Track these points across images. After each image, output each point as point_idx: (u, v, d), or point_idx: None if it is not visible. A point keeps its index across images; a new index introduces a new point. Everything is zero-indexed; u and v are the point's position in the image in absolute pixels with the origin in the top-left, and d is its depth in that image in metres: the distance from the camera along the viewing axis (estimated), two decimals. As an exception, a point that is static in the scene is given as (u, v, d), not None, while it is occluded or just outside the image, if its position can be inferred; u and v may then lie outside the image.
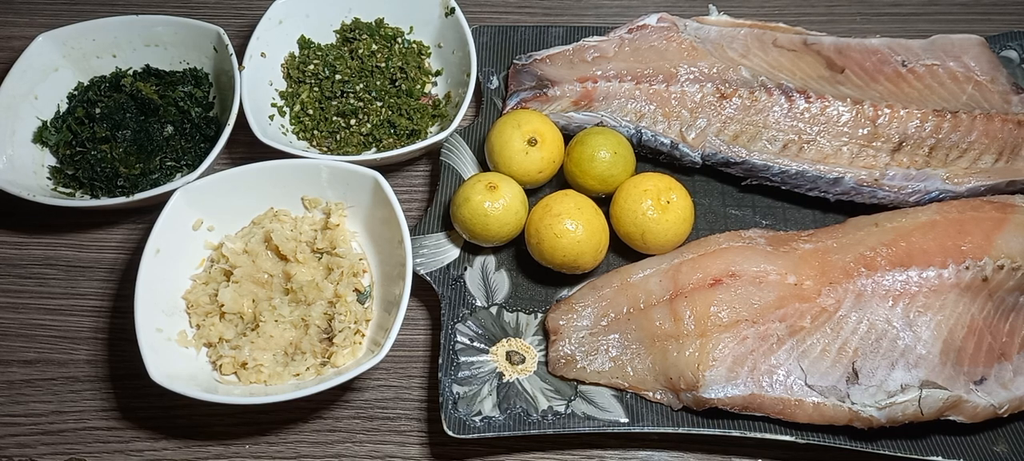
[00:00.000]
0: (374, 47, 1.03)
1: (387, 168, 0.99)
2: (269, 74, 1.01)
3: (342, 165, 0.90)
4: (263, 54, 1.00)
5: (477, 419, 0.79)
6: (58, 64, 0.99)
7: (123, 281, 0.93)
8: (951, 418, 0.76)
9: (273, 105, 1.00)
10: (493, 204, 0.87)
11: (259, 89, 0.99)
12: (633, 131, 0.95)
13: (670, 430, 0.79)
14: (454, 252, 0.90)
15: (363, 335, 0.85)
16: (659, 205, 0.88)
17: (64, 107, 1.00)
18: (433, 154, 0.99)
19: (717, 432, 0.79)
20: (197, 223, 0.90)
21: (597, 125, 0.95)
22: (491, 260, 0.90)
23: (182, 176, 0.92)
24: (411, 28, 1.06)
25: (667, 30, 1.00)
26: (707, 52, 0.99)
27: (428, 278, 0.87)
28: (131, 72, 1.02)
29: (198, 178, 0.89)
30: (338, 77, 1.01)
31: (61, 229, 0.96)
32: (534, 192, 0.94)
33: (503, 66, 1.03)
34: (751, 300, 0.81)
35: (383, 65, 1.02)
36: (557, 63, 1.00)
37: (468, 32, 1.00)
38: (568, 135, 0.95)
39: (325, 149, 0.98)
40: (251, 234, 0.91)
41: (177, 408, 0.85)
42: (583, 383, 0.82)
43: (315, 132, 0.99)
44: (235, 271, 0.87)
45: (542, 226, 0.86)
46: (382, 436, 0.84)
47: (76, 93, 1.00)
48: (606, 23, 1.08)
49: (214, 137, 0.94)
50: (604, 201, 0.91)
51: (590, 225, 0.86)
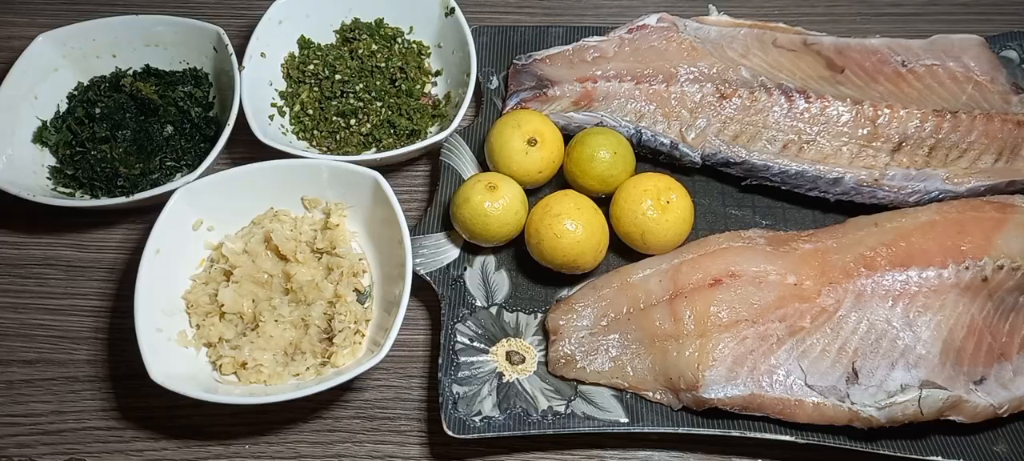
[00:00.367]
0: (374, 47, 1.03)
1: (387, 168, 0.99)
2: (269, 74, 1.01)
3: (342, 165, 0.90)
4: (263, 54, 1.00)
5: (477, 419, 0.79)
6: (58, 64, 0.99)
7: (123, 281, 0.93)
8: (951, 418, 0.76)
9: (273, 105, 1.00)
10: (493, 204, 0.87)
11: (259, 89, 0.99)
12: (633, 131, 0.95)
13: (670, 430, 0.79)
14: (454, 252, 0.90)
15: (363, 335, 0.86)
16: (659, 205, 0.88)
17: (64, 107, 0.99)
18: (433, 154, 0.99)
19: (717, 432, 0.79)
20: (197, 223, 0.90)
21: (597, 125, 0.95)
22: (491, 260, 0.90)
23: (182, 176, 0.92)
24: (411, 28, 1.06)
25: (667, 30, 1.00)
26: (707, 52, 0.99)
27: (428, 278, 0.87)
28: (131, 72, 1.01)
29: (198, 178, 0.89)
30: (338, 77, 1.01)
31: (61, 229, 0.96)
32: (534, 192, 0.94)
33: (503, 66, 1.03)
34: (751, 300, 0.81)
35: (383, 65, 1.02)
36: (557, 63, 1.00)
37: (468, 32, 1.00)
38: (568, 135, 0.95)
39: (325, 149, 0.98)
40: (251, 234, 0.91)
41: (177, 408, 0.85)
42: (583, 383, 0.82)
43: (315, 132, 0.99)
44: (235, 271, 0.87)
45: (542, 226, 0.86)
46: (382, 436, 0.84)
47: (76, 93, 1.00)
48: (606, 23, 1.08)
49: (214, 137, 0.94)
50: (604, 201, 0.91)
51: (590, 225, 0.86)
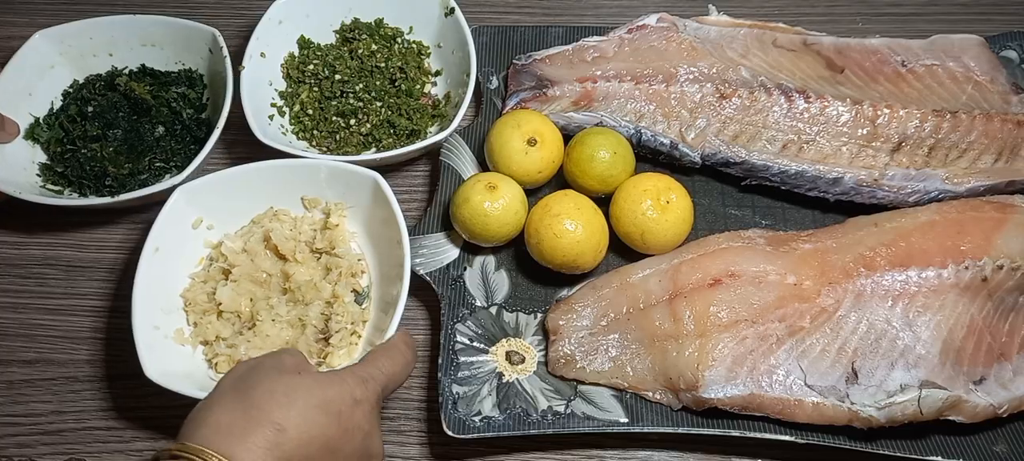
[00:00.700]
0: (374, 47, 1.03)
1: (387, 168, 0.99)
2: (269, 74, 1.01)
3: (341, 165, 0.90)
4: (263, 54, 1.00)
5: (477, 419, 0.79)
6: (54, 61, 0.99)
7: (122, 281, 0.93)
8: (951, 418, 0.76)
9: (273, 105, 1.00)
10: (493, 204, 0.87)
11: (259, 89, 0.99)
12: (633, 131, 0.95)
13: (670, 430, 0.79)
14: (454, 252, 0.90)
15: (360, 336, 0.85)
16: (659, 205, 0.88)
17: (58, 104, 0.99)
18: (433, 154, 0.99)
19: (717, 432, 0.79)
20: (197, 221, 0.90)
21: (597, 125, 0.95)
22: (491, 260, 0.90)
23: (170, 177, 0.92)
24: (411, 28, 1.06)
25: (667, 30, 1.00)
26: (707, 52, 0.99)
27: (428, 278, 0.87)
28: (126, 71, 1.01)
29: (185, 180, 0.89)
30: (338, 77, 1.01)
31: (60, 228, 0.95)
32: (534, 192, 0.94)
33: (503, 66, 1.03)
34: (751, 300, 0.81)
35: (383, 65, 1.02)
36: (557, 63, 1.00)
37: (468, 32, 1.00)
38: (567, 135, 0.95)
39: (325, 149, 0.98)
40: (250, 233, 0.91)
41: (177, 408, 0.84)
42: (583, 383, 0.82)
43: (315, 132, 0.99)
44: (233, 270, 0.87)
45: (542, 226, 0.86)
46: (382, 436, 0.84)
47: (71, 91, 1.00)
48: (606, 23, 1.08)
49: (204, 139, 0.94)
50: (603, 201, 0.91)
51: (590, 225, 0.86)
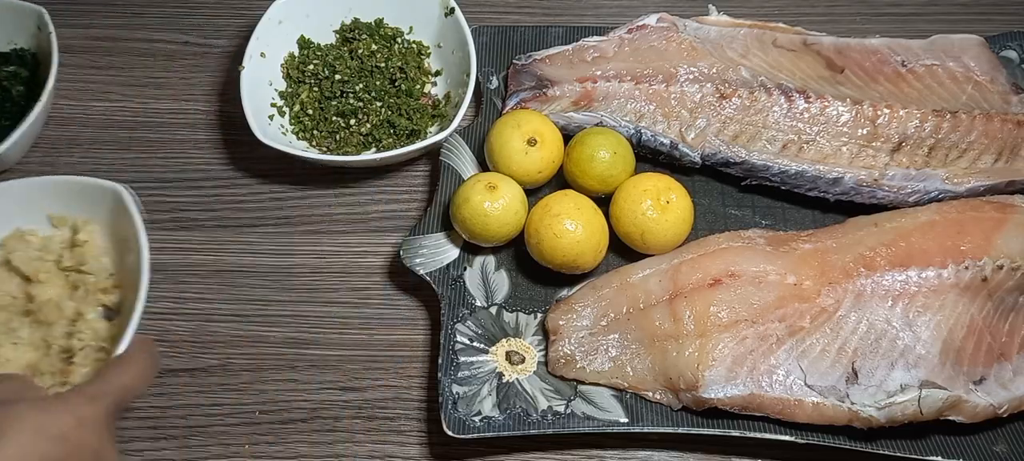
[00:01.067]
0: (374, 47, 1.03)
1: (387, 168, 0.99)
2: (269, 74, 1.01)
3: (83, 181, 0.87)
4: (263, 54, 1.00)
5: (477, 419, 0.79)
6: None
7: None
8: (951, 418, 0.76)
9: (273, 105, 1.00)
10: (493, 204, 0.87)
11: (259, 89, 0.99)
12: (633, 131, 0.95)
13: (670, 430, 0.79)
14: (454, 252, 0.90)
15: (109, 352, 0.81)
16: (659, 205, 0.88)
17: None
18: (433, 154, 0.99)
19: (717, 432, 0.79)
20: None
21: (597, 125, 0.95)
22: (491, 260, 0.90)
23: None
24: (411, 28, 1.06)
25: (667, 30, 1.00)
26: (707, 52, 0.99)
27: (428, 278, 0.87)
28: None
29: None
30: (338, 77, 1.01)
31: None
32: (534, 192, 0.94)
33: (503, 66, 1.03)
34: (751, 300, 0.81)
35: (383, 65, 1.02)
36: (557, 63, 1.00)
37: (468, 32, 1.00)
38: (567, 135, 0.95)
39: (325, 149, 0.98)
40: (-8, 257, 0.88)
41: (176, 408, 0.86)
42: (583, 383, 0.82)
43: (315, 132, 0.99)
44: None
45: (542, 226, 0.86)
46: (382, 436, 0.84)
47: None
48: (606, 23, 1.08)
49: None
50: (604, 201, 0.91)
51: (590, 225, 0.86)
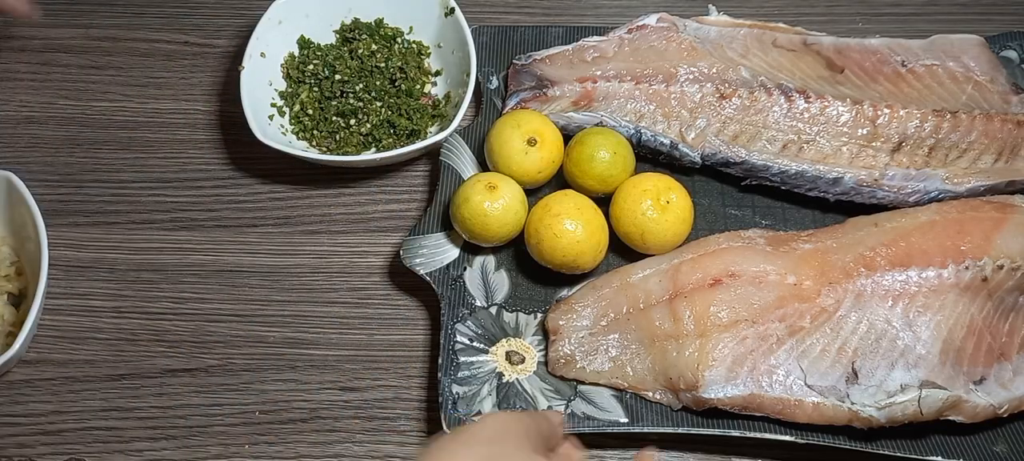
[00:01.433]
0: (374, 47, 1.03)
1: (387, 168, 0.99)
2: (269, 74, 1.01)
3: None
4: (263, 54, 1.00)
5: (476, 419, 0.79)
6: None
7: (121, 281, 0.93)
8: (951, 418, 0.76)
9: (273, 105, 1.00)
10: (493, 204, 0.87)
11: (259, 89, 0.99)
12: (633, 131, 0.95)
13: (670, 430, 0.79)
14: (454, 252, 0.90)
15: (15, 337, 0.83)
16: (658, 205, 0.88)
17: None
18: (433, 154, 0.99)
19: (716, 432, 0.79)
20: None
21: (597, 125, 0.95)
22: (491, 260, 0.90)
23: None
24: (411, 28, 1.06)
25: (667, 30, 1.00)
26: (707, 52, 0.99)
27: (428, 278, 0.87)
28: None
29: None
30: (338, 77, 1.01)
31: (60, 228, 0.95)
32: (534, 192, 0.94)
33: (503, 66, 1.03)
34: (751, 300, 0.81)
35: (383, 65, 1.02)
36: (557, 63, 1.00)
37: (468, 32, 1.00)
38: (567, 135, 0.95)
39: (324, 149, 0.98)
40: None
41: (176, 408, 0.85)
42: (583, 383, 0.82)
43: (315, 132, 0.99)
44: None
45: (541, 226, 0.86)
46: (382, 436, 0.84)
47: None
48: (606, 23, 1.07)
49: None
50: (603, 201, 0.91)
51: (589, 225, 0.86)
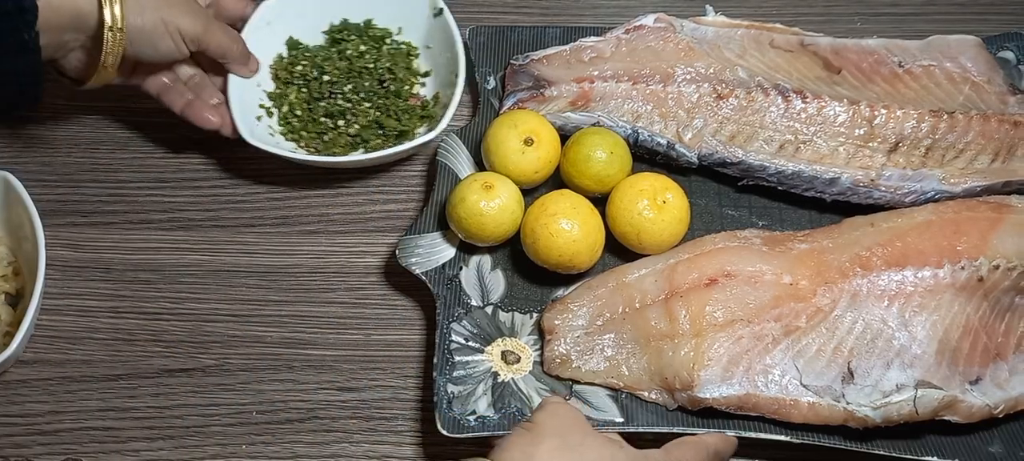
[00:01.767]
0: (362, 48, 1.03)
1: (380, 168, 0.99)
2: (257, 75, 1.01)
3: None
4: None
5: (471, 418, 0.79)
6: None
7: (119, 281, 0.93)
8: (946, 418, 0.76)
9: (261, 105, 1.00)
10: (489, 204, 0.87)
11: (247, 91, 0.99)
12: (630, 131, 0.95)
13: (665, 430, 0.79)
14: (450, 252, 0.90)
15: (12, 337, 0.83)
16: (655, 205, 0.88)
17: None
18: (430, 154, 0.99)
19: (712, 432, 0.78)
20: None
21: (594, 125, 0.95)
22: (487, 260, 0.90)
23: None
24: (400, 29, 1.06)
25: (664, 30, 1.00)
26: (704, 53, 0.99)
27: (424, 277, 0.87)
28: None
29: None
30: (326, 78, 1.01)
31: (58, 228, 0.95)
32: (531, 192, 0.94)
33: (500, 66, 1.03)
34: (746, 300, 0.81)
35: (371, 66, 1.02)
36: (554, 63, 1.00)
37: (456, 33, 1.00)
38: (565, 135, 0.95)
39: (313, 150, 0.98)
40: None
41: (173, 408, 0.86)
42: (578, 383, 0.82)
43: (303, 133, 0.99)
44: None
45: (538, 225, 0.86)
46: (379, 436, 0.84)
47: None
48: (604, 23, 1.07)
49: None
50: (600, 201, 0.91)
51: (586, 224, 0.86)
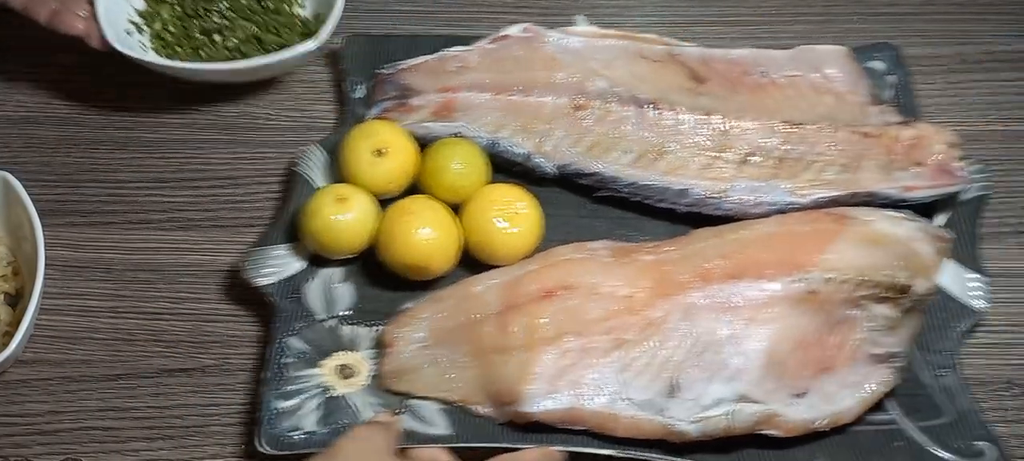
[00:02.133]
0: None
1: (256, 85, 0.98)
2: None
3: None
4: None
5: (295, 434, 0.78)
6: None
7: (118, 281, 0.93)
8: (767, 432, 0.76)
9: (131, 21, 0.99)
10: (342, 216, 0.87)
11: (116, 4, 0.97)
12: (489, 142, 0.95)
13: (493, 445, 0.78)
14: (300, 264, 0.89)
15: (11, 336, 0.83)
16: (507, 216, 0.88)
17: None
18: (288, 165, 0.98)
19: (533, 448, 0.78)
20: None
21: (454, 136, 0.95)
22: (337, 271, 0.90)
23: None
24: None
25: (530, 40, 1.00)
26: (568, 63, 0.99)
27: (267, 291, 0.87)
28: None
29: None
30: None
31: (57, 228, 0.96)
32: (391, 203, 0.93)
33: (372, 76, 1.02)
34: (580, 313, 0.81)
35: None
36: (420, 73, 1.00)
37: None
38: (428, 146, 0.95)
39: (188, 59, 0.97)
40: None
41: (173, 408, 0.85)
42: (412, 397, 0.82)
43: (177, 48, 0.98)
44: None
45: (395, 226, 0.86)
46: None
47: None
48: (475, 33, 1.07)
49: None
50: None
51: (442, 227, 0.86)
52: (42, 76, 1.07)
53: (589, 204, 0.95)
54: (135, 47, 0.95)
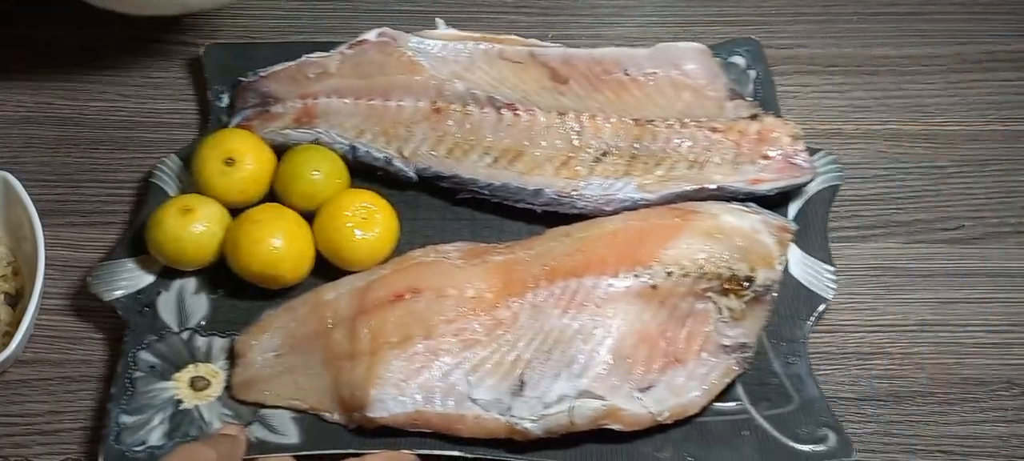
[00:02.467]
0: None
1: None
2: None
3: None
4: None
5: (139, 448, 0.77)
6: None
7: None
8: (610, 427, 0.77)
9: None
10: (189, 228, 0.86)
11: None
12: (349, 147, 0.95)
13: (343, 452, 0.78)
14: (149, 277, 0.88)
15: (11, 336, 0.83)
16: (359, 221, 0.87)
17: None
18: (145, 176, 0.97)
19: (380, 452, 0.78)
20: None
21: (312, 142, 0.95)
22: (191, 283, 0.89)
23: None
24: None
25: (387, 45, 1.00)
26: (426, 67, 0.99)
27: (115, 304, 0.86)
28: None
29: None
30: None
31: (57, 228, 0.94)
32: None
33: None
34: (428, 315, 0.81)
35: None
36: (281, 80, 0.99)
37: None
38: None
39: None
40: None
41: None
42: (264, 407, 0.81)
43: None
44: None
45: (240, 234, 0.85)
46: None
47: None
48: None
49: None
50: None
51: (289, 234, 0.86)
52: (42, 76, 1.07)
53: (451, 207, 0.95)
54: None
